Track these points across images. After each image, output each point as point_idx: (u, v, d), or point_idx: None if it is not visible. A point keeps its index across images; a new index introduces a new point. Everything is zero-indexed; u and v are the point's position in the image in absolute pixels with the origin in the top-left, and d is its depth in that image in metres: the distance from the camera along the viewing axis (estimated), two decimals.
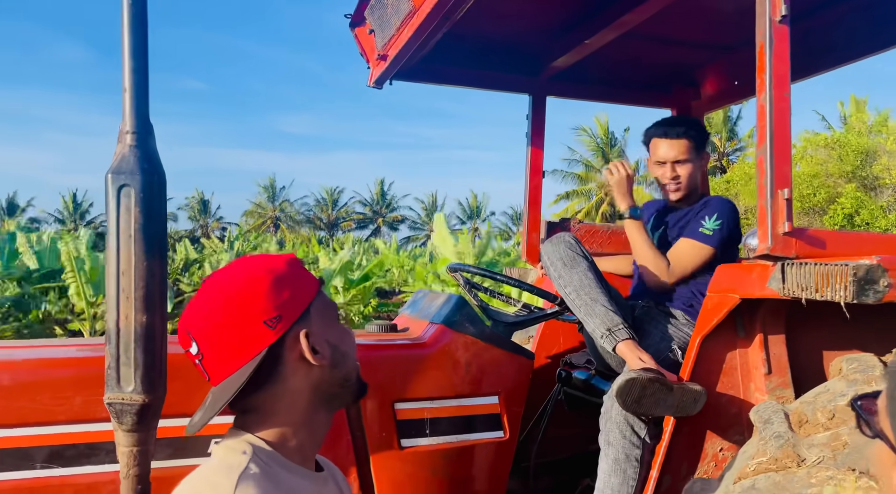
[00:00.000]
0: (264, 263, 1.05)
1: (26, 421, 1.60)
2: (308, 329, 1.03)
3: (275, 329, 1.00)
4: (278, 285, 1.02)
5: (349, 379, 1.10)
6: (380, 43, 2.73)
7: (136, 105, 1.55)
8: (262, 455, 1.01)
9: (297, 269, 1.07)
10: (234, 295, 1.01)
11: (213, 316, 1.01)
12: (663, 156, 2.37)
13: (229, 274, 1.05)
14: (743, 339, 1.96)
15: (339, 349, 1.08)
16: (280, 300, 1.01)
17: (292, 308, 1.02)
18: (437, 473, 1.99)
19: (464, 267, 2.40)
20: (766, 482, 1.41)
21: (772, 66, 1.70)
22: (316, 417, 1.08)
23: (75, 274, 9.82)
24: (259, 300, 1.00)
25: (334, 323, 1.10)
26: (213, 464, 1.00)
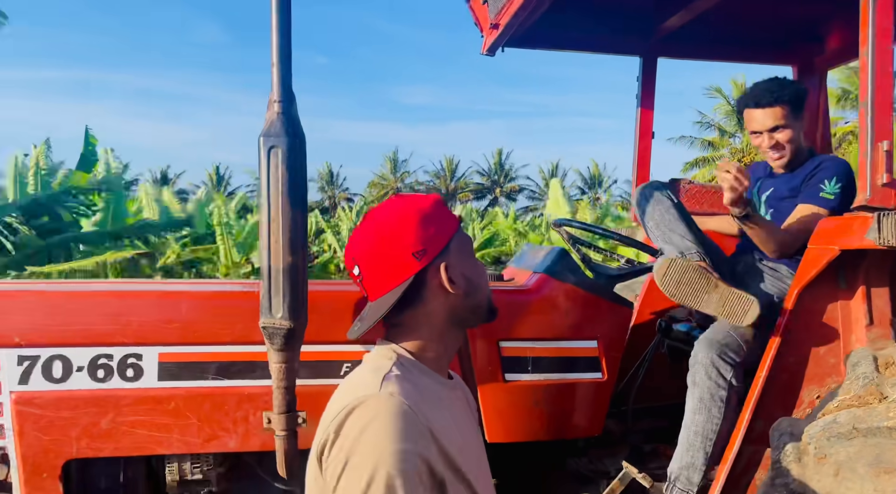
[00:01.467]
0: (414, 202, 1.21)
1: (201, 340, 1.98)
2: (447, 261, 1.19)
3: (420, 260, 1.16)
4: (425, 222, 1.18)
5: (480, 305, 1.26)
6: (492, 12, 2.90)
7: (282, 78, 1.84)
8: (405, 360, 1.18)
9: (440, 209, 1.22)
10: (389, 229, 1.18)
11: (372, 246, 1.18)
12: (759, 125, 2.30)
13: (386, 211, 1.21)
14: (844, 291, 1.99)
15: (473, 281, 1.22)
16: (426, 235, 1.17)
17: (435, 243, 1.18)
18: (538, 405, 2.20)
19: (568, 223, 2.56)
20: (847, 416, 1.50)
21: (875, 20, 1.71)
22: (450, 334, 1.24)
23: (223, 238, 10.85)
24: (409, 234, 1.16)
25: (470, 257, 1.24)
26: (365, 366, 1.19)
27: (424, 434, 1.06)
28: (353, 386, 1.13)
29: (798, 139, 2.34)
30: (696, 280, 1.88)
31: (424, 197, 1.24)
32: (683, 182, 3.21)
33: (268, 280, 1.81)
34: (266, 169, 1.84)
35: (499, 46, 3.02)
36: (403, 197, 1.24)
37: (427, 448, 1.05)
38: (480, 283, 1.25)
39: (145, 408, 1.92)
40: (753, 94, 2.33)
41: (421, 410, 1.08)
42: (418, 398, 1.10)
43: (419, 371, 1.18)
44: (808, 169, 2.32)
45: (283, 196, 1.83)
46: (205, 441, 1.96)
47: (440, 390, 1.20)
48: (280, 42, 1.84)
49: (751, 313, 1.88)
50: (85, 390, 1.89)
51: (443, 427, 1.11)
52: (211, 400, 1.96)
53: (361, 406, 1.06)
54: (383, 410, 1.05)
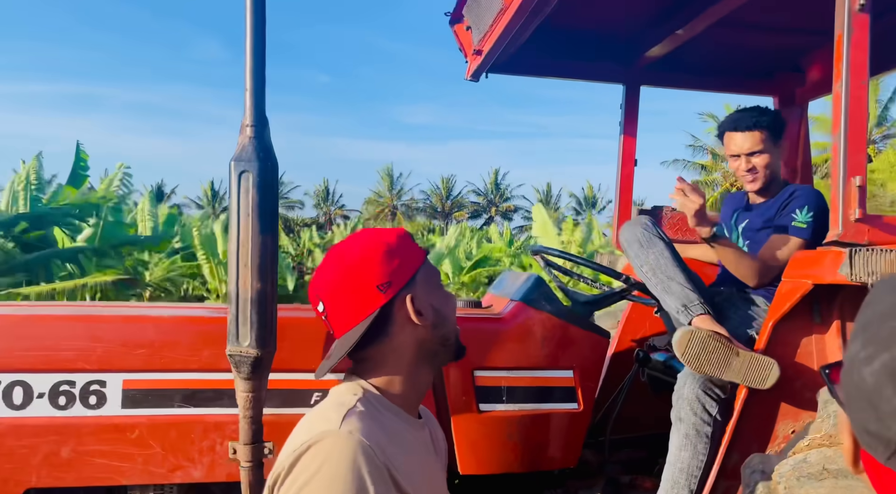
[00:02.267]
0: (378, 236, 1.19)
1: (167, 367, 1.94)
2: (413, 293, 1.17)
3: (385, 292, 1.14)
4: (389, 255, 1.16)
5: (449, 338, 1.23)
6: (476, 38, 2.91)
7: (255, 102, 1.83)
8: (371, 396, 1.15)
9: (405, 242, 1.20)
10: (352, 263, 1.16)
11: (336, 280, 1.17)
12: (737, 148, 2.36)
13: (349, 245, 1.20)
14: (819, 325, 1.97)
15: (441, 312, 1.21)
16: (390, 268, 1.15)
17: (400, 275, 1.16)
18: (512, 437, 2.16)
19: (545, 250, 2.54)
20: (817, 456, 1.47)
21: (849, 55, 1.71)
22: (419, 371, 1.21)
23: (207, 257, 10.80)
24: (373, 267, 1.15)
25: (437, 288, 1.23)
26: (329, 401, 1.15)
27: (382, 475, 1.03)
28: (314, 421, 1.10)
29: (774, 165, 2.37)
30: (718, 350, 1.88)
31: (389, 230, 1.22)
32: (666, 209, 3.21)
33: (235, 306, 1.78)
34: (237, 193, 1.81)
35: (482, 72, 3.03)
36: (367, 231, 1.23)
37: (384, 490, 1.02)
38: (448, 315, 1.24)
39: (108, 437, 1.88)
40: (734, 119, 2.39)
41: (382, 450, 1.05)
42: (380, 437, 1.08)
43: (385, 408, 1.16)
44: (782, 199, 2.35)
45: (254, 221, 1.81)
46: (169, 471, 1.92)
47: (406, 430, 1.17)
48: (254, 66, 1.83)
49: (772, 376, 1.88)
50: (46, 417, 1.85)
51: (405, 469, 1.08)
52: (176, 429, 1.92)
53: (319, 443, 1.03)
54: (341, 448, 1.02)
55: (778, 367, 1.89)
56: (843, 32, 1.72)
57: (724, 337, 1.95)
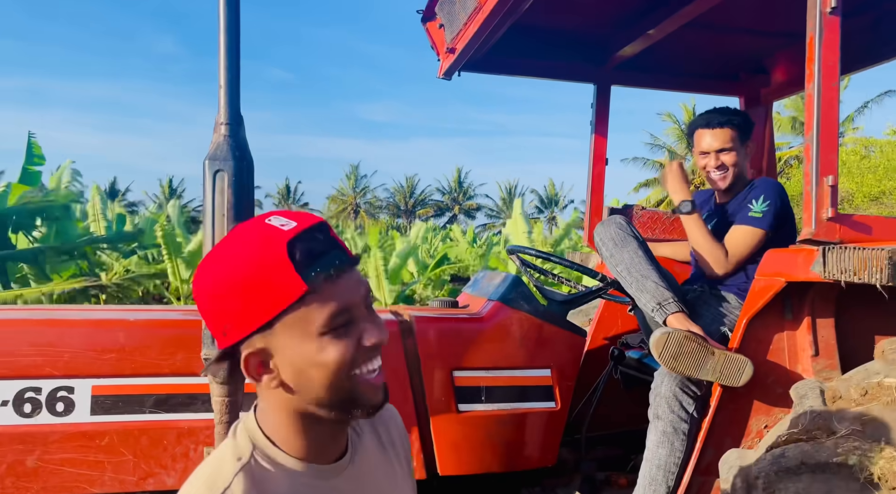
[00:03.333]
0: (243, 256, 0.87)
1: (138, 372, 1.88)
2: (266, 345, 0.88)
3: (224, 338, 0.90)
4: (239, 290, 0.86)
5: (324, 402, 0.91)
6: (449, 36, 2.90)
7: (230, 100, 1.78)
8: (259, 456, 0.93)
9: (275, 272, 0.85)
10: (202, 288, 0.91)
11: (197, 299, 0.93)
12: (707, 146, 2.41)
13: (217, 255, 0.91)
14: (790, 322, 2.02)
15: (305, 372, 0.89)
16: (232, 310, 0.87)
17: (244, 322, 0.87)
18: (491, 437, 2.16)
19: (522, 250, 2.54)
20: (795, 451, 1.50)
21: (821, 57, 1.75)
22: (311, 427, 0.94)
23: (170, 255, 10.56)
24: (214, 305, 0.89)
25: (315, 337, 0.88)
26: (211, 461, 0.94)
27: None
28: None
29: (741, 164, 2.43)
30: (693, 350, 1.91)
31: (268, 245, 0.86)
32: (636, 208, 3.25)
33: None
34: (211, 193, 1.77)
35: (455, 70, 3.02)
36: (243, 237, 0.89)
37: None
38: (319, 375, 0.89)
39: (76, 445, 1.81)
40: (706, 117, 2.44)
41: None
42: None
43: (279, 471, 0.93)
44: (743, 193, 2.42)
45: (229, 221, 1.76)
46: (140, 479, 1.86)
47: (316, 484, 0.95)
48: (228, 64, 1.78)
49: (746, 374, 1.92)
50: (10, 425, 1.77)
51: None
52: (148, 435, 1.86)
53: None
54: None
55: (751, 365, 1.92)
56: (814, 34, 1.76)
57: (699, 336, 1.98)
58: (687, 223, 2.36)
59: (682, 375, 2.00)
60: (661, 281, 2.18)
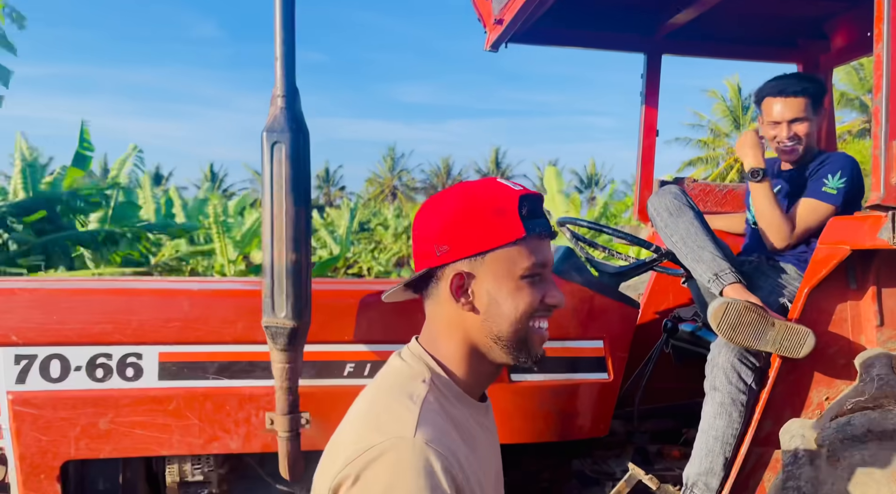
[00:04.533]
0: (480, 195, 1.06)
1: (202, 340, 1.94)
2: (473, 270, 1.03)
3: (439, 256, 1.04)
4: (467, 220, 1.03)
5: (505, 339, 1.05)
6: (496, 7, 2.87)
7: (286, 72, 1.81)
8: (437, 381, 1.05)
9: (505, 214, 1.04)
10: (436, 210, 1.07)
11: (421, 218, 1.10)
12: (779, 115, 2.31)
13: (451, 193, 1.10)
14: (855, 291, 1.96)
15: (498, 304, 1.04)
16: (459, 232, 1.03)
17: (466, 244, 1.03)
18: (543, 406, 2.17)
19: (573, 221, 2.53)
20: (861, 419, 1.47)
21: (890, 16, 1.68)
22: (475, 358, 1.08)
23: (220, 236, 10.80)
24: (442, 225, 1.05)
25: (515, 278, 1.04)
26: (397, 386, 1.04)
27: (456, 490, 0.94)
28: (384, 415, 0.99)
29: (814, 135, 2.34)
30: (753, 320, 1.87)
31: (501, 193, 1.06)
32: (688, 180, 3.19)
33: (270, 278, 1.78)
34: (269, 165, 1.80)
35: (502, 42, 3.00)
36: (481, 184, 1.09)
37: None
38: (507, 311, 1.04)
39: (145, 408, 1.89)
40: (778, 84, 2.33)
41: (455, 457, 0.97)
42: (453, 441, 0.99)
43: (452, 395, 1.06)
44: (814, 165, 2.32)
45: (287, 193, 1.79)
46: (206, 442, 1.93)
47: (472, 419, 1.08)
48: (284, 36, 1.80)
49: (807, 345, 1.87)
50: (83, 390, 1.86)
51: (472, 469, 1.01)
52: (212, 401, 1.93)
53: (392, 452, 0.93)
54: (417, 466, 0.92)
55: (813, 336, 1.88)
56: None
57: (758, 307, 1.94)
58: (755, 191, 2.26)
59: (741, 346, 1.97)
60: (717, 251, 2.14)
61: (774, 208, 2.24)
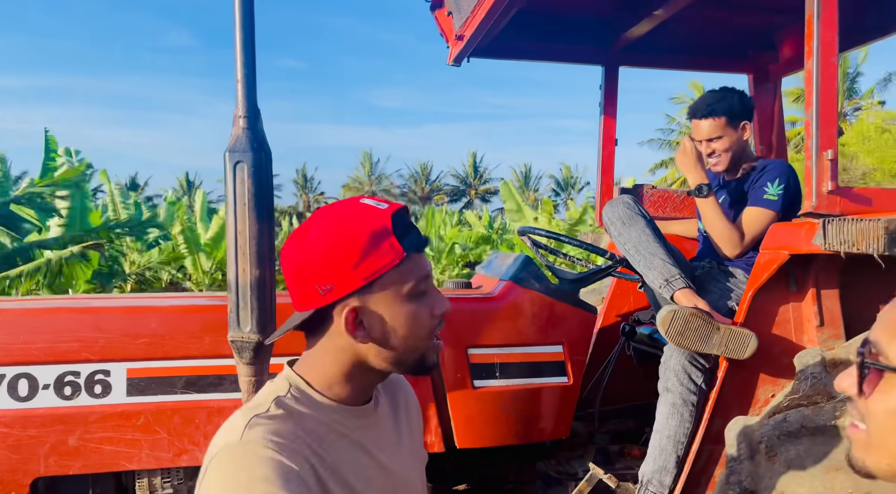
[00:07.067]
0: (350, 225, 1.01)
1: (169, 355, 1.99)
2: (363, 303, 1.01)
3: (325, 296, 1.00)
4: (345, 254, 0.99)
5: (403, 361, 1.06)
6: (457, 24, 2.95)
7: (247, 93, 1.86)
8: (295, 393, 1.04)
9: (380, 237, 1.00)
10: (307, 249, 1.02)
11: (290, 261, 1.05)
12: (698, 135, 2.46)
13: (318, 223, 1.04)
14: (796, 293, 2.07)
15: (394, 331, 1.03)
16: (340, 268, 0.99)
17: (350, 279, 0.99)
18: (506, 411, 2.24)
19: (532, 230, 2.61)
20: (796, 415, 1.56)
21: (819, 34, 1.79)
22: (362, 376, 1.08)
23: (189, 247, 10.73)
24: (319, 265, 1.00)
25: (406, 300, 1.03)
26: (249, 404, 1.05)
27: (294, 476, 0.94)
28: (223, 427, 1.02)
29: (735, 147, 2.45)
30: (699, 326, 1.98)
31: (371, 216, 1.02)
32: (647, 187, 3.29)
33: (235, 293, 1.83)
34: (232, 184, 1.85)
35: (464, 57, 3.07)
36: (347, 210, 1.04)
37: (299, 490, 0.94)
38: (406, 334, 1.04)
39: (114, 424, 1.92)
40: (694, 107, 2.48)
41: (296, 450, 0.97)
42: (297, 436, 0.99)
43: (310, 405, 1.04)
44: (755, 174, 2.44)
45: (250, 210, 1.84)
46: (175, 456, 1.97)
47: (344, 420, 1.06)
48: (244, 58, 1.85)
49: (750, 347, 1.98)
50: (52, 407, 1.89)
51: (343, 460, 1.02)
52: (181, 415, 1.97)
53: (219, 456, 0.96)
54: (238, 462, 0.94)
55: (756, 339, 1.98)
56: (813, 12, 1.80)
57: (704, 312, 2.04)
58: (702, 206, 2.37)
59: (688, 350, 2.06)
60: (668, 258, 2.23)
61: (722, 220, 2.34)
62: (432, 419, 2.19)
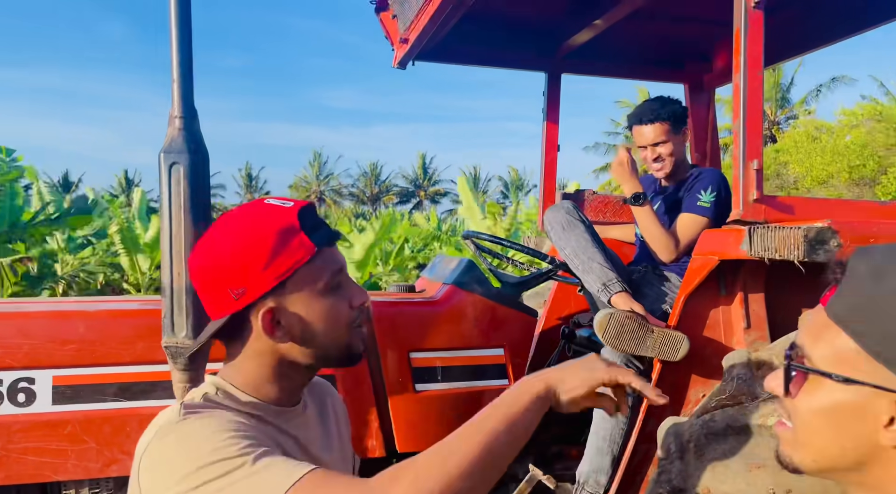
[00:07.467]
0: (257, 225, 0.99)
1: (99, 362, 1.92)
2: (278, 303, 1.00)
3: (238, 300, 0.99)
4: (255, 255, 0.97)
5: (324, 354, 1.05)
6: (402, 27, 2.95)
7: (183, 94, 1.82)
8: (223, 393, 1.03)
9: (288, 235, 0.99)
10: (214, 255, 1.00)
11: (198, 268, 1.03)
12: (642, 140, 2.53)
13: (222, 229, 1.03)
14: (725, 297, 2.15)
15: (312, 327, 1.02)
16: (250, 271, 0.97)
17: (261, 281, 0.98)
18: (448, 414, 2.26)
19: (476, 235, 2.64)
20: (722, 415, 1.63)
21: (746, 49, 1.87)
22: (291, 372, 1.06)
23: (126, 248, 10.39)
24: (230, 269, 0.98)
25: (320, 295, 1.02)
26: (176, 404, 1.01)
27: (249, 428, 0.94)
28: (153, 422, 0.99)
29: (678, 152, 2.54)
30: (634, 329, 2.03)
31: (277, 215, 1.01)
32: (587, 193, 3.36)
33: (170, 298, 1.78)
34: (167, 185, 1.81)
35: (409, 60, 3.08)
36: (251, 213, 1.02)
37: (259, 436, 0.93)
38: (326, 329, 1.04)
39: (39, 434, 1.85)
40: (638, 112, 2.54)
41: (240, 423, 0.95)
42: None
43: (237, 404, 1.02)
44: (689, 181, 2.52)
45: (186, 213, 1.80)
46: (104, 466, 1.91)
47: (275, 418, 1.05)
48: (181, 57, 1.81)
49: (682, 349, 2.04)
50: None
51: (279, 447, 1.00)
52: (110, 423, 1.91)
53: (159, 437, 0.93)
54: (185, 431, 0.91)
55: (688, 341, 2.05)
56: (740, 27, 1.87)
57: (639, 315, 2.10)
58: (638, 213, 2.43)
59: (623, 353, 2.12)
60: (606, 262, 2.29)
61: (658, 227, 2.41)
62: (373, 423, 2.19)
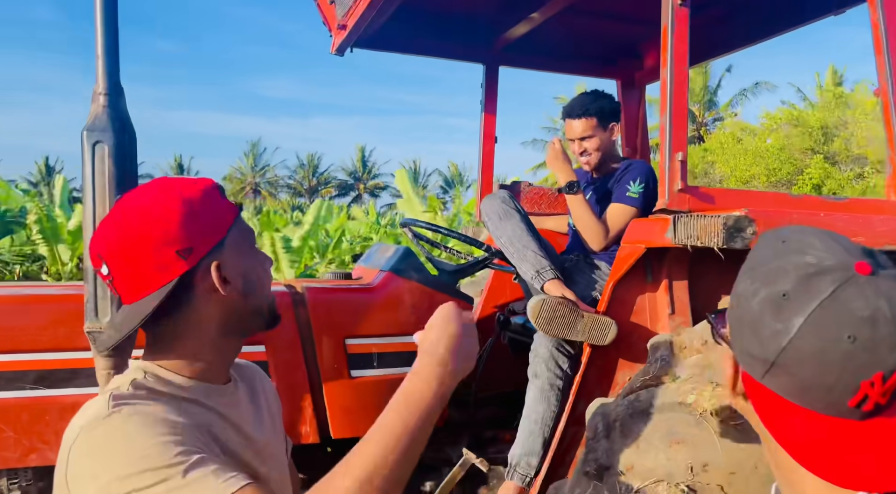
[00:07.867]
0: (181, 190, 1.01)
1: (17, 349, 1.84)
2: (220, 260, 1.02)
3: (187, 259, 0.99)
4: (192, 214, 1.00)
5: (260, 308, 1.10)
6: (340, 13, 2.93)
7: (108, 69, 1.76)
8: (152, 377, 1.01)
9: (214, 197, 1.04)
10: (147, 222, 0.98)
11: (126, 241, 0.98)
12: (571, 134, 2.62)
13: (143, 198, 1.01)
14: (651, 284, 2.24)
15: (252, 280, 1.07)
16: (194, 230, 0.99)
17: (206, 239, 1.01)
18: (383, 401, 2.24)
19: (414, 222, 2.65)
20: (645, 395, 1.70)
21: (673, 45, 1.94)
22: (224, 342, 1.08)
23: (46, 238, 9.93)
24: (172, 230, 0.98)
25: (249, 251, 1.09)
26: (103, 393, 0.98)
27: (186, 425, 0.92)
28: (79, 413, 0.97)
29: (605, 146, 2.63)
30: (565, 314, 2.08)
31: (194, 182, 1.05)
32: (523, 184, 3.42)
33: (93, 282, 1.72)
34: (90, 165, 1.74)
35: (347, 47, 3.06)
36: (166, 182, 1.04)
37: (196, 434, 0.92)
38: (262, 282, 1.10)
39: None
40: (570, 107, 2.62)
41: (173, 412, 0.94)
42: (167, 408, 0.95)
43: (171, 386, 1.01)
44: (619, 173, 2.61)
45: (111, 194, 1.74)
46: (23, 455, 1.83)
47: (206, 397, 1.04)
48: (106, 29, 1.75)
49: (611, 333, 2.11)
50: None
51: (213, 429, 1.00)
52: (29, 411, 1.83)
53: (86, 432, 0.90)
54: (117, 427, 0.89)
55: (616, 326, 2.13)
56: (667, 25, 1.95)
57: (570, 301, 2.16)
58: (571, 202, 2.50)
59: (555, 337, 2.18)
60: (539, 251, 2.35)
61: (589, 215, 2.48)
62: (307, 409, 2.18)
